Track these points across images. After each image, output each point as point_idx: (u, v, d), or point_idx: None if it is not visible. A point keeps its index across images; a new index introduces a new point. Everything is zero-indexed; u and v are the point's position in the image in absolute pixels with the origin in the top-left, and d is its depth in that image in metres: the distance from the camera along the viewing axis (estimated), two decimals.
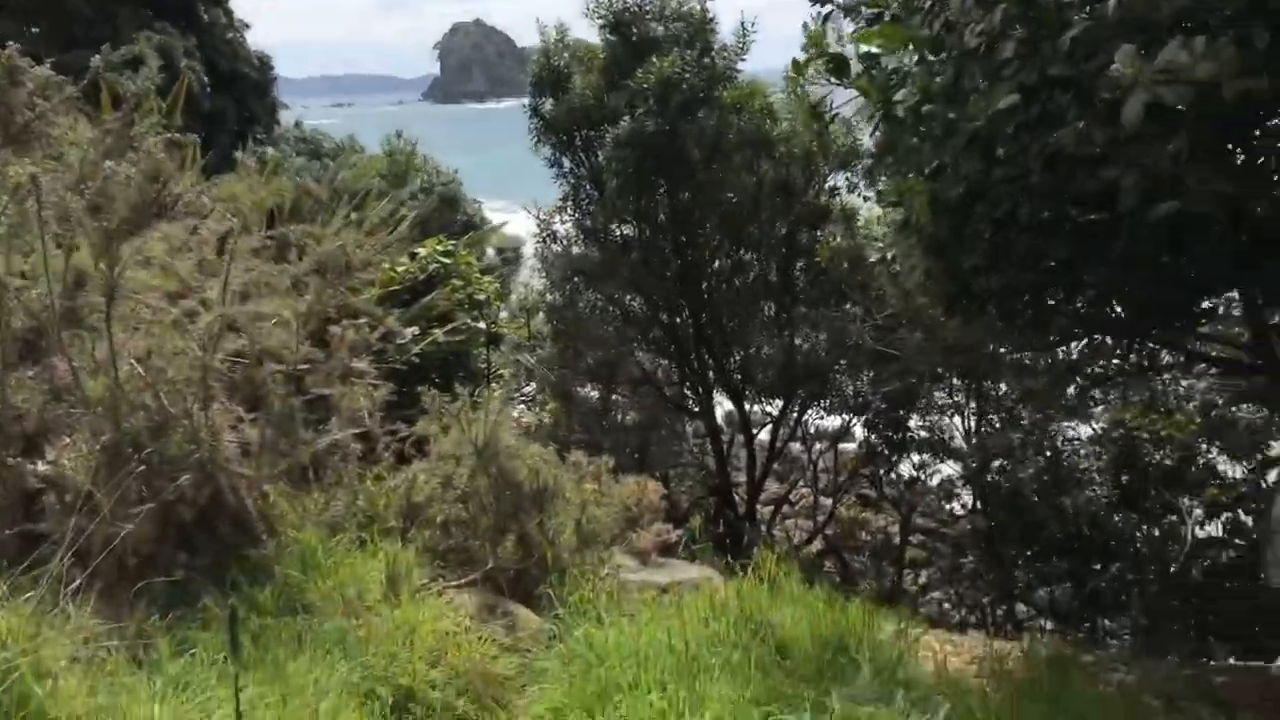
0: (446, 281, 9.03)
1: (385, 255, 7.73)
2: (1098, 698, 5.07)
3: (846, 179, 13.85)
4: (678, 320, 15.03)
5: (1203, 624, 11.57)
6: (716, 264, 14.90)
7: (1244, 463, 12.26)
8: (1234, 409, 11.98)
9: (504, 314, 15.02)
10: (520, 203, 16.07)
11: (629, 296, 15.05)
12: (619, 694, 4.11)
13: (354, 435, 5.86)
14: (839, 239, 12.78)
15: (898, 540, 15.83)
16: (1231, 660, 9.10)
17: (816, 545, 16.10)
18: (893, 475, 15.88)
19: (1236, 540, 12.07)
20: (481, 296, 9.38)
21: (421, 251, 9.13)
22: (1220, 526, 12.19)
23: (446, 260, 9.16)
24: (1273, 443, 11.57)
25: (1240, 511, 11.98)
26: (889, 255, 8.81)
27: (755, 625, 4.82)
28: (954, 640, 7.49)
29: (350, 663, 4.11)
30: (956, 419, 14.76)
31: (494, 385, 8.87)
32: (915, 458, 15.33)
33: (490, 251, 22.94)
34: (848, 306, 13.53)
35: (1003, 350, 10.86)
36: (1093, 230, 5.01)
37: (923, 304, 8.67)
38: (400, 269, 8.86)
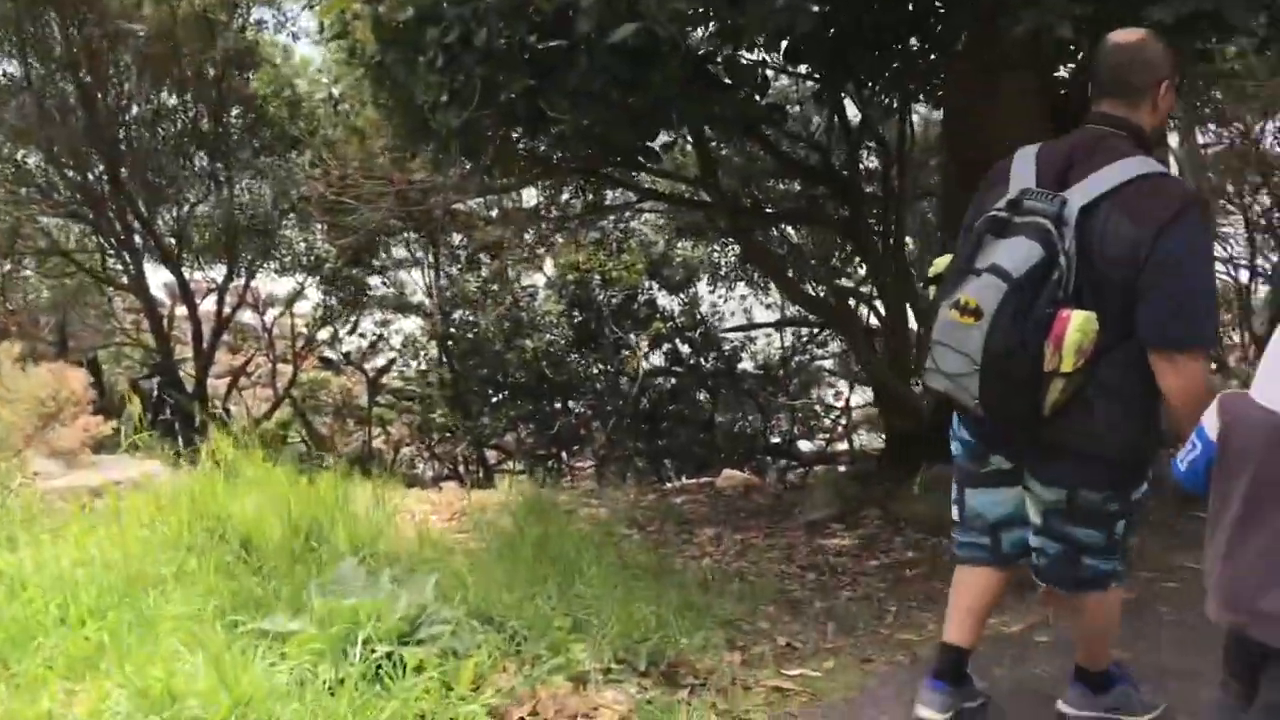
0: None
1: None
2: (577, 535, 5.09)
3: (274, 15, 12.66)
4: (89, 177, 13.02)
5: (655, 449, 12.66)
6: (135, 110, 13.05)
7: (679, 296, 13.43)
8: (671, 247, 12.99)
9: None
10: None
11: (21, 150, 12.76)
12: (43, 632, 3.31)
13: None
14: (273, 78, 11.71)
15: (364, 401, 15.58)
16: (683, 480, 9.96)
17: (280, 415, 15.35)
18: (355, 336, 15.46)
19: (675, 368, 13.23)
20: None
21: None
22: (663, 357, 13.28)
23: None
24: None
25: (678, 341, 13.12)
26: (335, 92, 8.12)
27: (212, 522, 4.18)
28: (433, 499, 7.38)
29: None
30: (416, 273, 14.56)
31: None
32: (377, 315, 15.04)
33: None
34: (294, 154, 12.58)
35: (456, 199, 10.65)
36: (552, 59, 4.75)
37: (376, 146, 8.15)
38: None
